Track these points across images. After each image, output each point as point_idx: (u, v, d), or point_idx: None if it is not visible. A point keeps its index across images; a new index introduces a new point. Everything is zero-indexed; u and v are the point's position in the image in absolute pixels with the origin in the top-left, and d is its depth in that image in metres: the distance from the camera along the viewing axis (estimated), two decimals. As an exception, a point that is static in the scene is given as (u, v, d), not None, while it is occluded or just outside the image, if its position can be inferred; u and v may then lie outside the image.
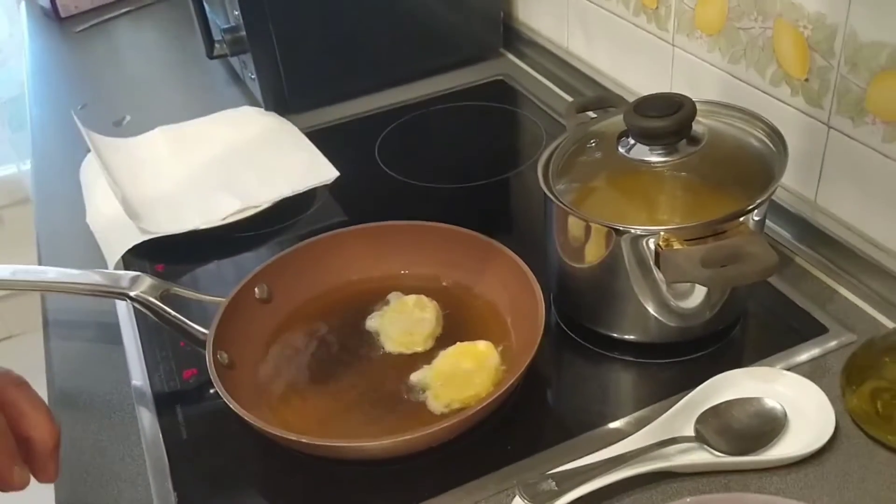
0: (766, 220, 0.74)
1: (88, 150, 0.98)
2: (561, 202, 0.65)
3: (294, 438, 0.58)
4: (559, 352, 0.71)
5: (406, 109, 1.10)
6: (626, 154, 0.66)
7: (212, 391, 0.63)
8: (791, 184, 0.78)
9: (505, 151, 1.02)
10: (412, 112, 1.09)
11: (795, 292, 0.72)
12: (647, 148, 0.65)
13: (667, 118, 0.63)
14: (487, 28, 1.18)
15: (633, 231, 0.61)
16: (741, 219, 0.61)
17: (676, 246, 0.60)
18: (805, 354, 0.66)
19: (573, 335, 0.71)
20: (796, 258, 0.76)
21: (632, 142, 0.66)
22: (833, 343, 0.67)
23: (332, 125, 1.08)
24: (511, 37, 1.20)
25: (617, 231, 0.62)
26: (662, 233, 0.60)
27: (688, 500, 0.53)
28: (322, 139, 1.01)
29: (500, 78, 1.15)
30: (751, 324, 0.71)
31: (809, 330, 0.69)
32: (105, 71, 1.33)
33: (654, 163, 0.65)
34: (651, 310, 0.66)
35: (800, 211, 0.77)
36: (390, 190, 0.94)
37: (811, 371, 0.65)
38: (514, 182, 0.94)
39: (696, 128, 0.66)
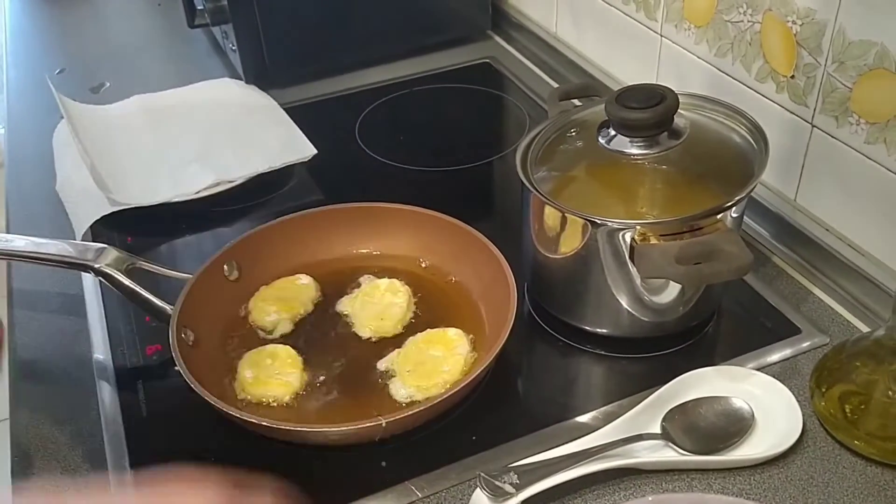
0: (745, 218, 0.74)
1: (62, 118, 0.96)
2: (538, 191, 0.64)
3: (254, 421, 0.57)
4: (530, 343, 0.70)
5: (389, 89, 1.08)
6: (606, 145, 0.65)
7: (175, 368, 0.62)
8: (771, 182, 0.78)
9: (488, 136, 1.01)
10: (395, 91, 1.07)
11: (770, 291, 0.72)
12: (628, 139, 0.64)
13: (648, 110, 0.62)
14: (476, 9, 1.16)
15: (609, 224, 0.60)
16: (718, 216, 0.60)
17: (652, 241, 0.59)
18: (776, 355, 0.66)
19: (545, 326, 0.70)
20: (773, 257, 0.76)
21: (612, 133, 0.65)
22: (805, 344, 0.67)
23: (313, 101, 1.06)
24: (499, 19, 1.19)
25: (593, 223, 0.61)
26: (638, 227, 0.60)
27: (650, 498, 0.52)
28: (302, 115, 0.99)
29: (487, 61, 1.14)
30: (724, 321, 0.70)
31: (782, 330, 0.68)
32: (85, 37, 1.30)
33: (633, 155, 0.64)
34: (624, 304, 0.65)
35: (779, 209, 0.77)
36: (369, 170, 0.93)
37: (782, 372, 0.64)
38: (496, 167, 0.93)
39: (678, 121, 0.65)
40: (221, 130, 0.96)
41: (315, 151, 0.90)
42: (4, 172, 0.99)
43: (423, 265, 0.75)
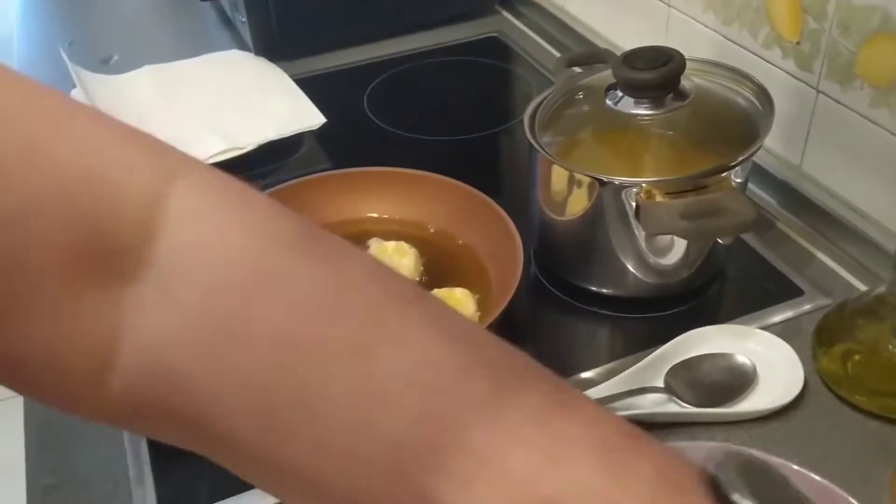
0: (751, 185, 0.75)
1: (74, 87, 0.97)
2: (545, 152, 0.65)
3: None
4: (537, 304, 0.71)
5: (397, 62, 1.09)
6: (613, 106, 0.66)
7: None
8: (777, 148, 0.78)
9: (495, 107, 1.02)
10: (404, 64, 1.08)
11: (774, 255, 0.73)
12: (634, 101, 0.65)
13: (655, 70, 0.63)
14: (484, -17, 1.17)
15: (615, 182, 0.61)
16: (723, 174, 0.61)
17: (658, 199, 0.60)
18: (779, 316, 0.67)
19: (552, 288, 0.71)
20: (778, 223, 0.77)
21: (619, 94, 0.66)
22: (808, 306, 0.67)
23: (322, 73, 1.07)
24: (508, -6, 1.19)
25: (600, 182, 0.62)
26: (644, 185, 0.60)
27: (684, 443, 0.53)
28: (311, 86, 0.99)
29: (495, 35, 1.14)
30: (727, 284, 0.71)
31: (785, 292, 0.69)
32: (95, 10, 1.31)
33: (640, 116, 0.65)
34: (629, 264, 0.66)
35: (785, 176, 0.77)
36: (378, 139, 0.94)
37: (784, 331, 0.65)
38: (503, 137, 0.94)
39: (685, 84, 0.66)
40: (231, 99, 0.97)
41: (324, 119, 0.91)
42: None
43: (431, 230, 0.76)
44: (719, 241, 0.68)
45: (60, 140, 0.28)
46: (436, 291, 0.69)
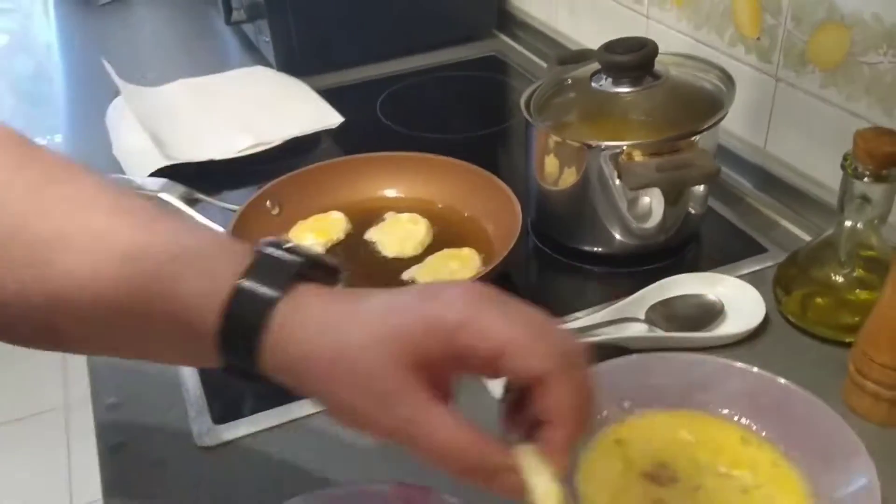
0: (723, 169, 0.85)
1: (115, 95, 1.08)
2: (540, 124, 0.75)
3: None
4: (535, 266, 0.81)
5: (407, 76, 1.20)
6: (598, 88, 0.77)
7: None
8: (744, 135, 0.89)
9: (493, 112, 1.13)
10: (412, 78, 1.19)
11: (742, 223, 0.82)
12: (616, 82, 0.75)
13: (633, 54, 0.73)
14: (483, 9, 1.29)
15: (601, 146, 0.71)
16: (693, 138, 0.71)
17: (637, 159, 0.70)
18: (745, 269, 0.76)
19: (548, 250, 0.81)
20: (746, 198, 0.86)
21: (603, 78, 0.77)
22: (770, 262, 0.77)
23: (338, 86, 1.18)
24: (504, 19, 1.31)
25: (588, 146, 0.72)
26: (625, 147, 0.70)
27: (633, 356, 0.62)
28: (328, 97, 1.10)
29: (493, 54, 1.26)
30: (701, 246, 0.81)
31: (752, 250, 0.78)
32: (124, 41, 1.43)
33: (621, 94, 0.75)
34: (615, 227, 0.75)
35: (751, 158, 0.87)
36: (389, 137, 1.04)
37: (750, 280, 0.74)
38: (501, 135, 1.05)
39: (659, 68, 0.76)
40: (258, 104, 1.08)
41: (342, 119, 1.02)
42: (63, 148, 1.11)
43: (440, 206, 0.86)
44: (691, 210, 0.78)
45: None
46: (445, 251, 0.78)
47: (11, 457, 1.95)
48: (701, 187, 0.76)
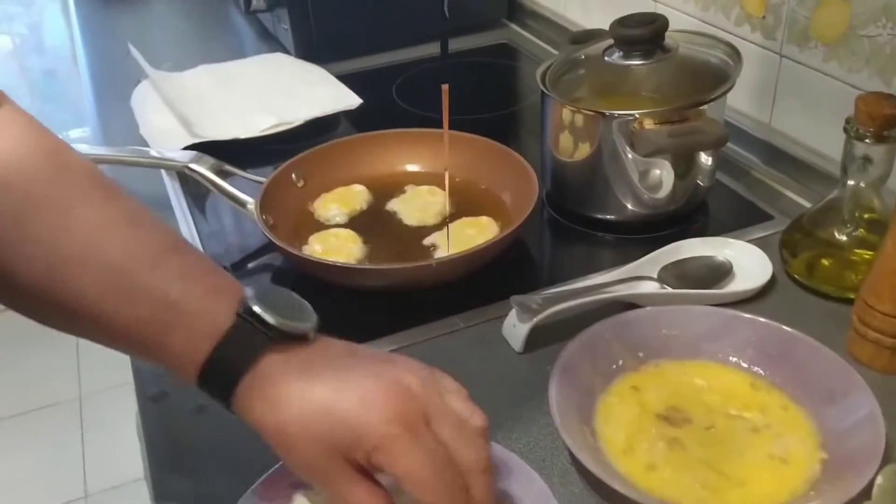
0: (730, 144, 0.88)
1: (138, 81, 1.12)
2: (556, 96, 0.78)
3: (330, 263, 0.71)
4: (551, 235, 0.85)
5: (421, 62, 1.24)
6: (610, 61, 0.80)
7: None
8: (750, 111, 0.92)
9: (506, 96, 1.17)
10: (427, 64, 1.23)
11: (750, 194, 0.86)
12: (627, 55, 0.79)
13: (644, 27, 0.77)
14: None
15: (615, 115, 0.75)
16: (702, 107, 0.75)
17: (649, 126, 0.74)
18: (753, 235, 0.79)
19: (563, 220, 0.84)
20: (753, 171, 0.90)
21: (616, 52, 0.80)
22: (777, 229, 0.80)
23: (355, 72, 1.22)
24: (514, 8, 1.35)
25: (602, 115, 0.75)
26: (637, 115, 0.74)
27: (647, 309, 0.65)
28: (346, 81, 1.14)
29: (505, 42, 1.30)
30: (710, 215, 0.84)
31: (758, 218, 0.82)
32: (143, 33, 1.47)
33: (633, 66, 0.79)
34: (627, 197, 0.79)
35: (756, 133, 0.91)
36: (406, 119, 1.08)
37: (758, 245, 0.77)
38: (513, 117, 1.09)
39: (669, 42, 0.80)
40: (279, 87, 1.11)
41: (360, 101, 1.05)
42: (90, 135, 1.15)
43: (457, 179, 0.89)
44: (700, 182, 0.81)
45: None
46: (464, 219, 0.82)
47: (26, 447, 1.98)
48: (709, 160, 0.80)
